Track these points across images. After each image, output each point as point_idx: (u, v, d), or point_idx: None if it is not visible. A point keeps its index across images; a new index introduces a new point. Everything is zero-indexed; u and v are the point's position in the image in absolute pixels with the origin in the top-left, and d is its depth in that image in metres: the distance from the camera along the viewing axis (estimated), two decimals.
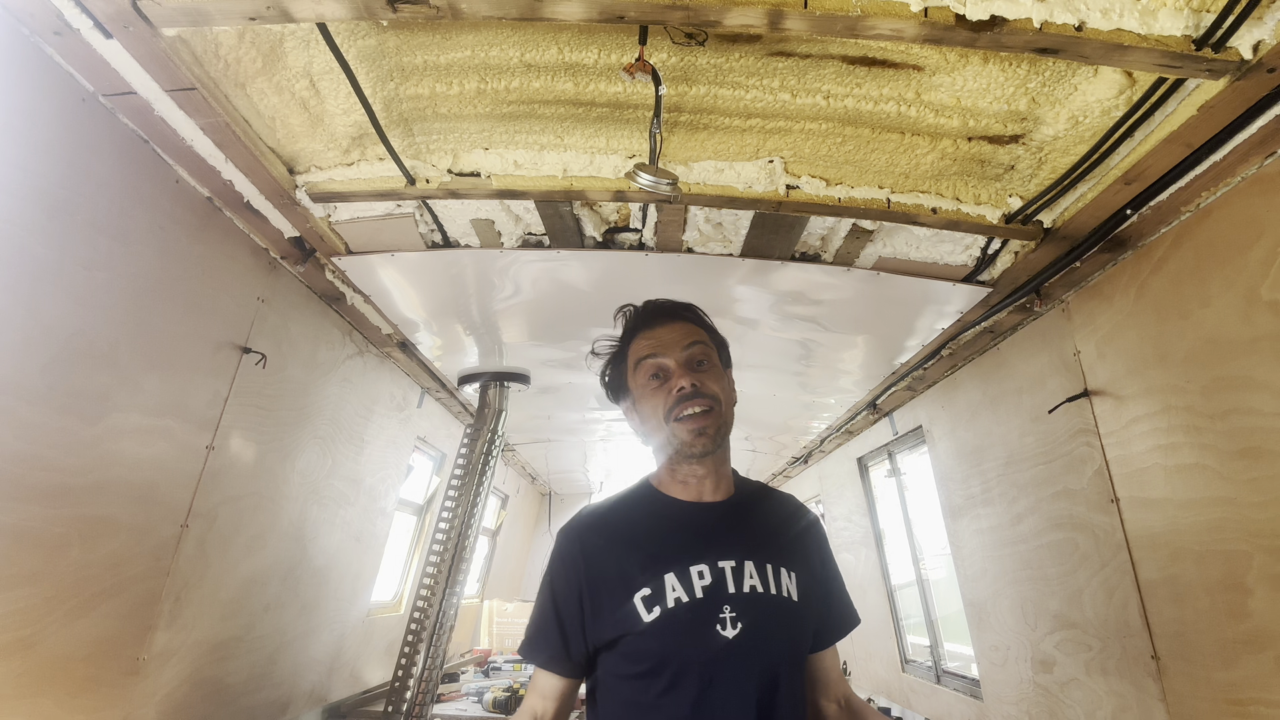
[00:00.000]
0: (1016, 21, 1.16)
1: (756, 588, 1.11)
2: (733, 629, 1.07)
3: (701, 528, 1.16)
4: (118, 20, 1.22)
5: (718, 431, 1.15)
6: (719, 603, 1.08)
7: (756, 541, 1.16)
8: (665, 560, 1.11)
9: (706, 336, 1.23)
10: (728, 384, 1.21)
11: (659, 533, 1.16)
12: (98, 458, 1.55)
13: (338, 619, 3.01)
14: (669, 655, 1.07)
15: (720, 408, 1.16)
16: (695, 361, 1.18)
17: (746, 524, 1.19)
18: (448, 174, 1.77)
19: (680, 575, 1.09)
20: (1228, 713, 1.57)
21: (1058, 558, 2.20)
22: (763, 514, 1.23)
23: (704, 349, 1.19)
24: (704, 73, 1.47)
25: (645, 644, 1.08)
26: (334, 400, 2.59)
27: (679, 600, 1.08)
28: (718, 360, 1.22)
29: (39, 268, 1.34)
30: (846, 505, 4.34)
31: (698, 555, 1.12)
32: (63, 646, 1.53)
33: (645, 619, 1.07)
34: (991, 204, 1.76)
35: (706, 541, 1.14)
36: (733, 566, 1.11)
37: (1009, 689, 2.59)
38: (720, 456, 1.19)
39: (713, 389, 1.16)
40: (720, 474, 1.21)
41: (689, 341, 1.19)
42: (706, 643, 1.06)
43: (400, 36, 1.41)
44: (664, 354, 1.18)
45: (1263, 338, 1.41)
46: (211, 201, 1.79)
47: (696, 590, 1.09)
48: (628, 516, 1.21)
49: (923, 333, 2.46)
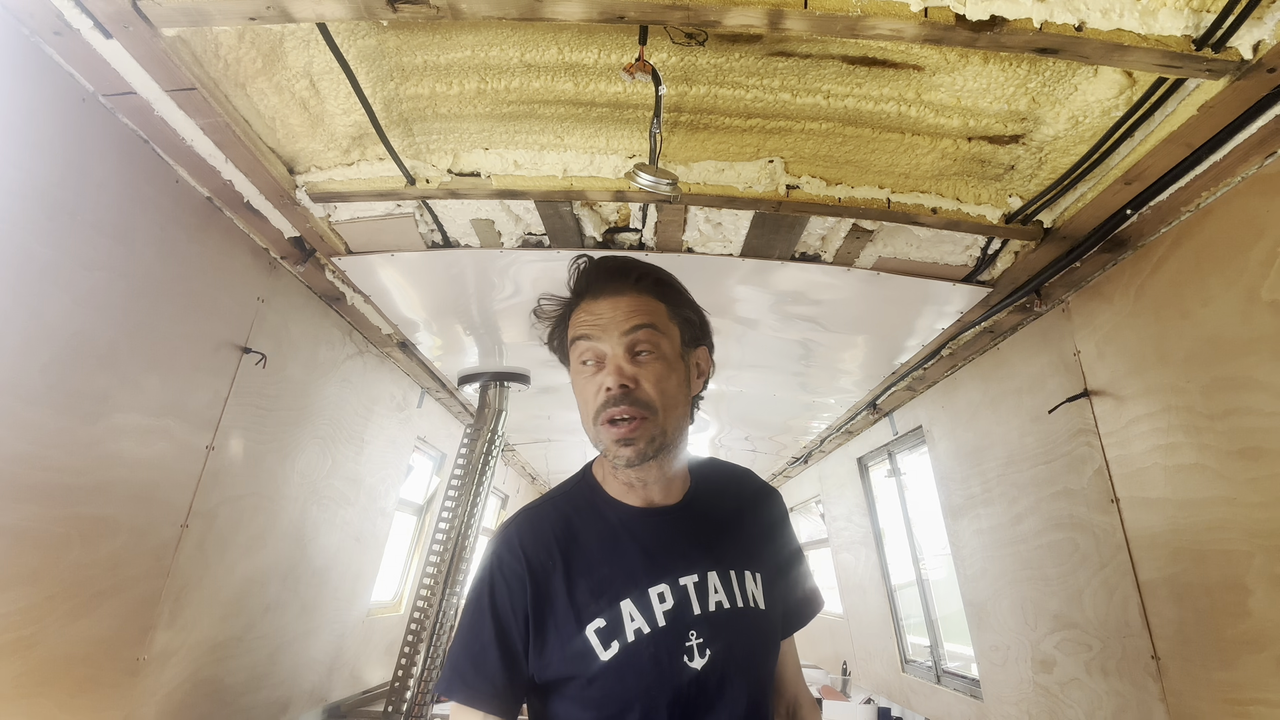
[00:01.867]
0: (1016, 21, 1.16)
1: (723, 603, 0.97)
2: (701, 657, 0.93)
3: (657, 539, 1.00)
4: (118, 20, 1.22)
5: (649, 443, 0.95)
6: (684, 629, 0.94)
7: (718, 545, 1.02)
8: (620, 583, 0.95)
9: (663, 313, 1.00)
10: (679, 378, 1.00)
11: (610, 547, 0.99)
12: (98, 458, 1.55)
13: (338, 619, 3.01)
14: (631, 698, 0.91)
15: (656, 416, 0.95)
16: (635, 351, 0.96)
17: (705, 526, 1.03)
18: (448, 174, 1.77)
19: (639, 601, 0.94)
20: (1228, 712, 1.57)
21: (1058, 558, 2.20)
22: (720, 507, 1.06)
23: (650, 334, 0.96)
24: (704, 73, 1.47)
25: (603, 686, 0.92)
26: (334, 400, 2.59)
27: (639, 632, 0.93)
28: (668, 348, 0.98)
29: (39, 268, 1.34)
30: (846, 505, 4.34)
31: (656, 574, 0.96)
32: (63, 646, 1.53)
33: (602, 657, 0.92)
34: (991, 204, 1.76)
35: (664, 556, 0.98)
36: (695, 583, 0.97)
37: (1009, 689, 2.59)
38: (672, 460, 1.01)
39: (647, 394, 0.95)
40: (668, 476, 1.02)
41: (632, 325, 0.96)
42: (673, 678, 0.92)
43: (400, 36, 1.41)
44: (599, 337, 0.97)
45: (1263, 338, 1.41)
46: (211, 201, 1.79)
47: (658, 617, 0.94)
48: (573, 525, 1.01)
49: (923, 333, 2.46)
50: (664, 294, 1.02)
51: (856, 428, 3.78)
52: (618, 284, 0.99)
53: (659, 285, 1.02)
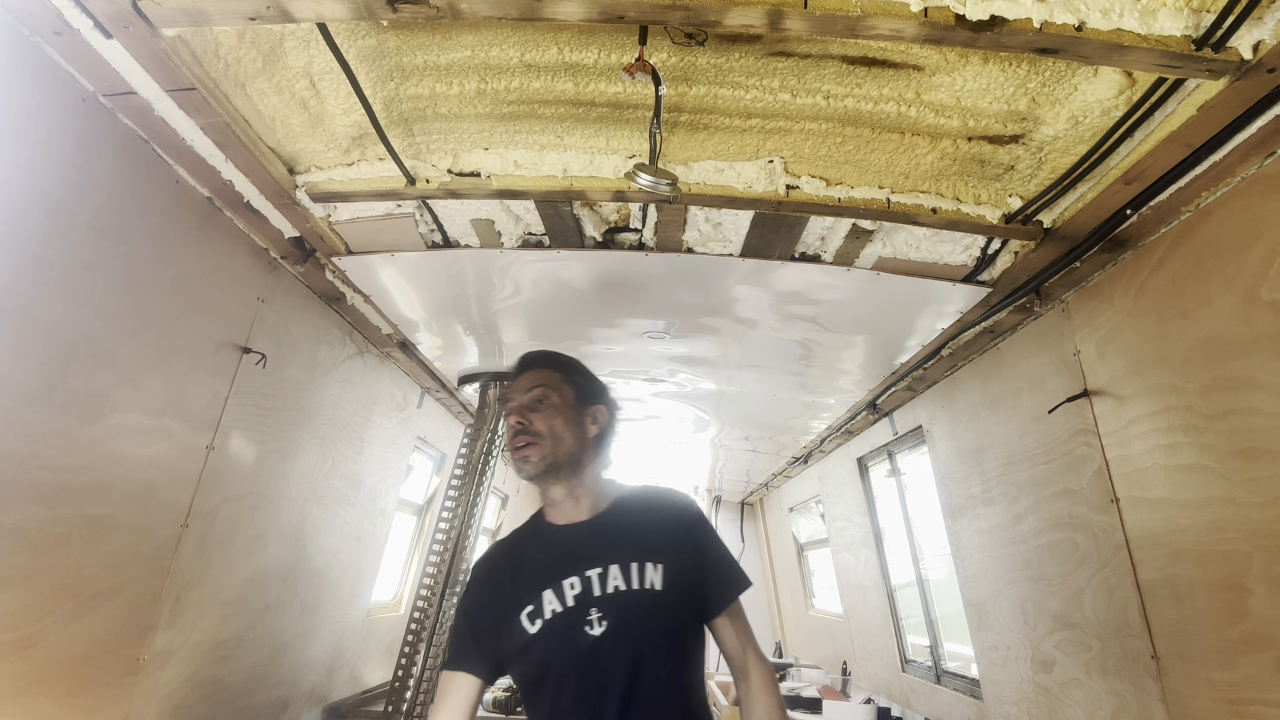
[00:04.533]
0: (1016, 21, 1.16)
1: (619, 586, 1.30)
2: (599, 627, 1.27)
3: (572, 545, 1.36)
4: (118, 20, 1.22)
5: (541, 460, 1.34)
6: (587, 607, 1.28)
7: (622, 545, 1.35)
8: (544, 579, 1.32)
9: (558, 379, 1.43)
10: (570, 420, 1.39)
11: (541, 557, 1.37)
12: (98, 458, 1.55)
13: (338, 619, 3.01)
14: (549, 660, 1.27)
15: (544, 441, 1.35)
16: (535, 402, 1.39)
17: (613, 532, 1.38)
18: (448, 174, 1.77)
19: (555, 590, 1.30)
20: (1227, 713, 1.57)
21: (1058, 558, 2.20)
22: (631, 519, 1.41)
23: (544, 391, 1.40)
24: (704, 73, 1.47)
25: (532, 653, 1.28)
26: (334, 400, 2.59)
27: (554, 611, 1.29)
28: (560, 400, 1.40)
29: (39, 268, 1.34)
30: (846, 505, 4.34)
31: (569, 570, 1.32)
32: (63, 646, 1.53)
33: (530, 631, 1.28)
34: (991, 204, 1.76)
35: (576, 556, 1.34)
36: (598, 573, 1.31)
37: (1009, 689, 2.59)
38: (576, 480, 1.39)
39: (539, 426, 1.36)
40: (579, 495, 1.40)
41: (530, 385, 1.41)
42: (576, 644, 1.26)
43: (400, 37, 1.41)
44: (512, 398, 1.41)
45: (1263, 338, 1.41)
46: (211, 201, 1.79)
47: (568, 600, 1.29)
48: (520, 548, 1.43)
49: (923, 333, 2.46)
50: (559, 367, 1.46)
51: (856, 428, 3.78)
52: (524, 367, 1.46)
53: (555, 361, 1.48)
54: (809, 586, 5.84)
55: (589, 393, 1.47)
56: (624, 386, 3.45)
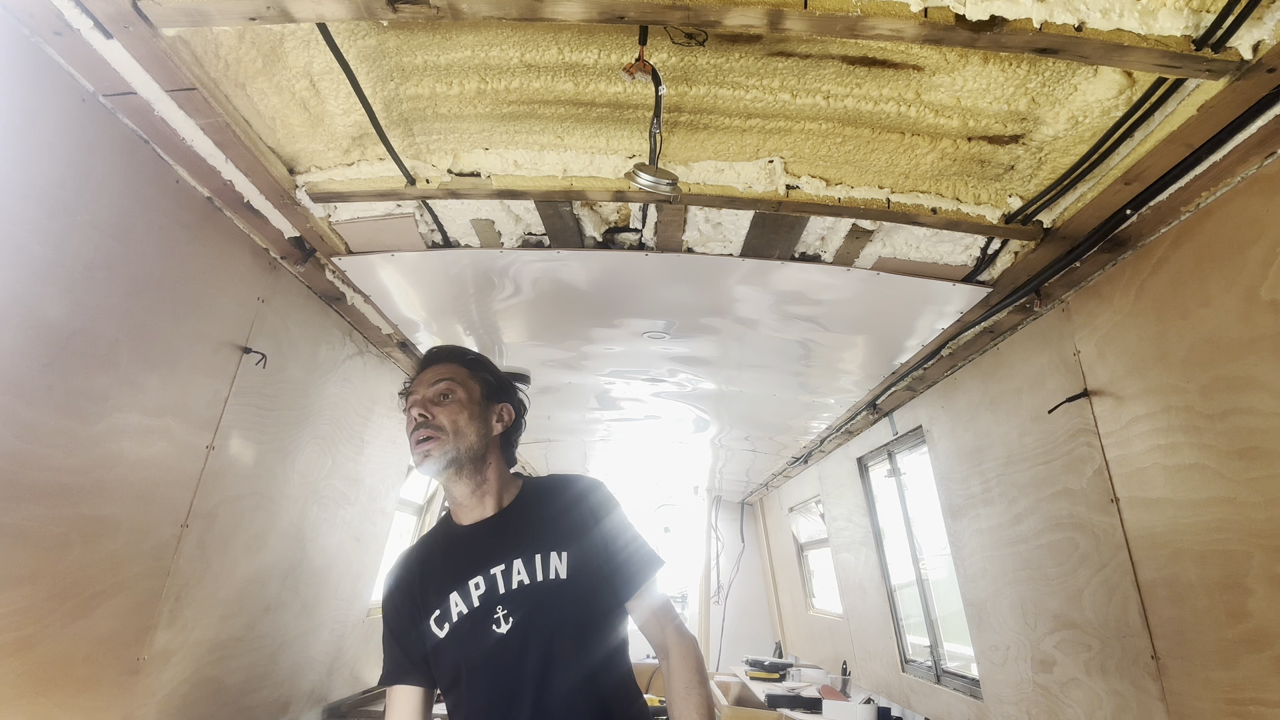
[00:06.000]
0: (1016, 22, 1.16)
1: (524, 581, 1.29)
2: (505, 625, 1.26)
3: (477, 544, 1.35)
4: (118, 20, 1.22)
5: (443, 454, 1.33)
6: (493, 605, 1.28)
7: (526, 538, 1.34)
8: (449, 581, 1.31)
9: (464, 373, 1.42)
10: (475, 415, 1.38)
11: (447, 559, 1.36)
12: (98, 458, 1.55)
13: (338, 619, 3.01)
14: (459, 661, 1.27)
15: (446, 436, 1.34)
16: (439, 396, 1.38)
17: (517, 526, 1.37)
18: (448, 174, 1.77)
19: (461, 591, 1.30)
20: (1227, 713, 1.57)
21: (1057, 558, 2.20)
22: (536, 510, 1.40)
23: (449, 385, 1.39)
24: (704, 73, 1.47)
25: (442, 657, 1.28)
26: (334, 400, 2.59)
27: (460, 613, 1.28)
28: (466, 395, 1.39)
29: (39, 268, 1.34)
30: (846, 505, 4.35)
31: (474, 569, 1.31)
32: (63, 646, 1.53)
33: (439, 635, 1.28)
34: (991, 204, 1.76)
35: (481, 555, 1.33)
36: (502, 570, 1.30)
37: (1009, 689, 2.59)
38: (480, 477, 1.38)
39: (441, 420, 1.35)
40: (484, 492, 1.39)
41: (435, 380, 1.40)
42: (484, 642, 1.25)
43: (400, 37, 1.41)
44: (415, 391, 1.41)
45: (1263, 338, 1.42)
46: (211, 201, 1.79)
47: (474, 600, 1.29)
48: (427, 553, 1.42)
49: (922, 333, 2.46)
50: (466, 363, 1.46)
51: (856, 428, 3.78)
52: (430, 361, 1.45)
53: (462, 357, 1.47)
54: (809, 586, 5.84)
55: (495, 390, 1.47)
56: (624, 386, 3.45)
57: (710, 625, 6.42)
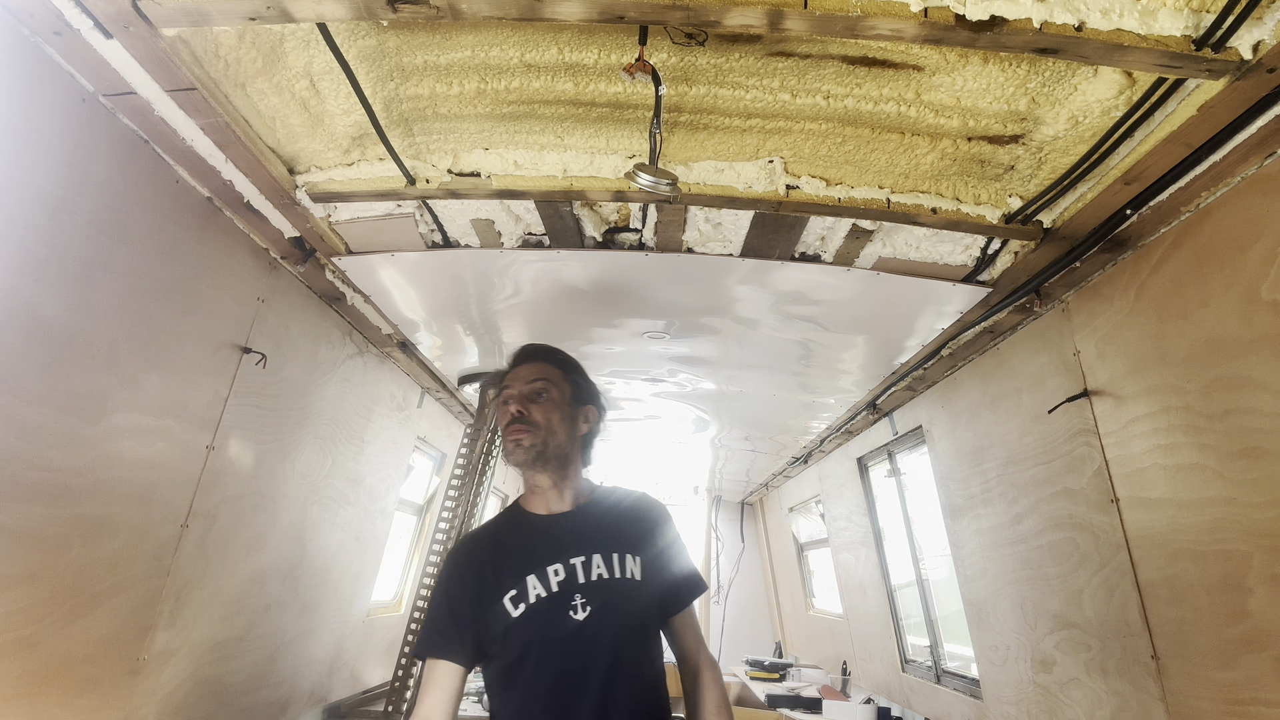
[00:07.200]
0: (1016, 22, 1.16)
1: (602, 575, 1.36)
2: (583, 612, 1.33)
3: (556, 534, 1.42)
4: (118, 20, 1.22)
5: (532, 446, 1.40)
6: (571, 592, 1.34)
7: (604, 537, 1.41)
8: (526, 564, 1.36)
9: (559, 375, 1.50)
10: (565, 416, 1.46)
11: (522, 543, 1.42)
12: (98, 458, 1.55)
13: (338, 619, 3.01)
14: (532, 641, 1.31)
15: (539, 431, 1.41)
16: (534, 393, 1.45)
17: (594, 524, 1.44)
18: (448, 174, 1.77)
19: (539, 575, 1.35)
20: (1227, 713, 1.57)
21: (1057, 558, 2.20)
22: (611, 513, 1.48)
23: (545, 384, 1.46)
24: (704, 73, 1.47)
25: (515, 635, 1.31)
26: (334, 400, 2.59)
27: (539, 596, 1.33)
28: (559, 395, 1.47)
29: (39, 268, 1.34)
30: (846, 505, 4.34)
31: (553, 556, 1.37)
32: (63, 646, 1.53)
33: (514, 614, 1.32)
34: (991, 204, 1.76)
35: (560, 545, 1.39)
36: (582, 561, 1.37)
37: (1009, 689, 2.59)
38: (561, 473, 1.45)
39: (536, 417, 1.42)
40: (564, 488, 1.46)
41: (532, 377, 1.47)
42: (561, 627, 1.31)
43: (400, 37, 1.41)
44: (511, 386, 1.47)
45: (1263, 338, 1.42)
46: (211, 201, 1.79)
47: (552, 585, 1.34)
48: (499, 535, 1.47)
49: (922, 333, 2.46)
50: (560, 364, 1.53)
51: (856, 428, 3.78)
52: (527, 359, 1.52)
53: (554, 358, 1.54)
54: (809, 586, 5.84)
55: (584, 393, 1.54)
56: (624, 386, 3.45)
57: (710, 625, 6.42)
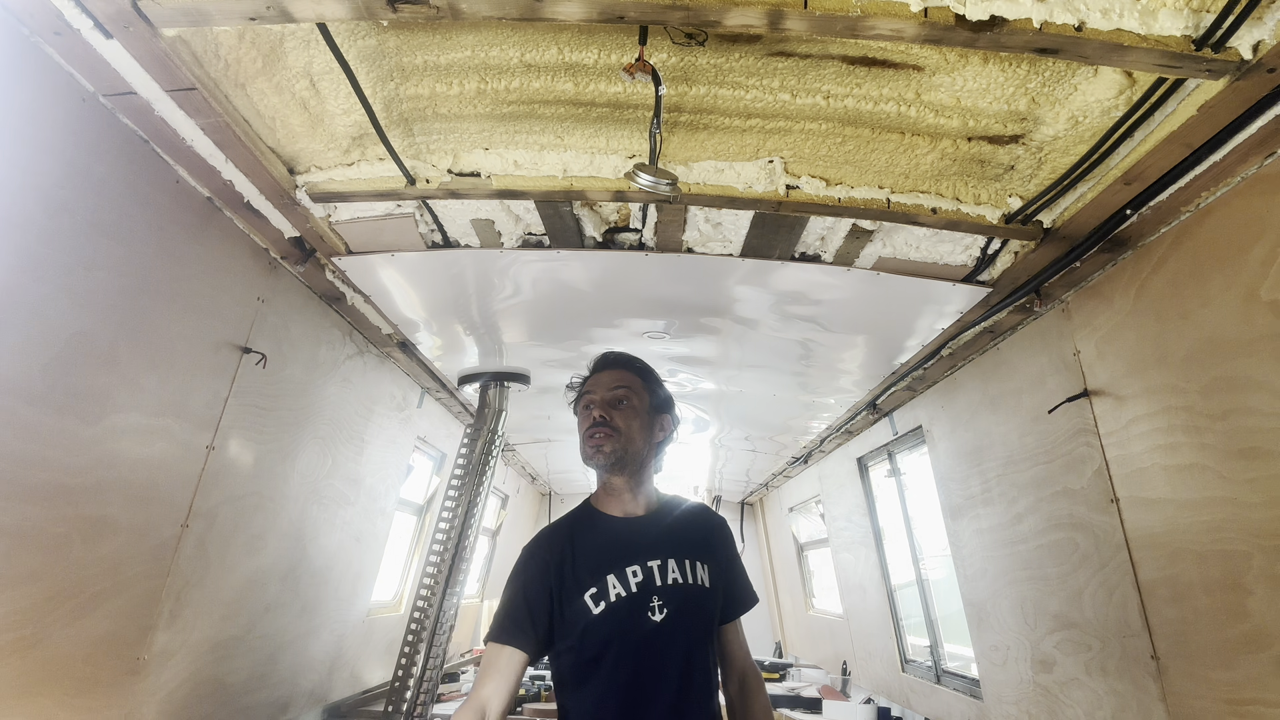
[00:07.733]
0: (1016, 22, 1.16)
1: (678, 579, 1.42)
2: (660, 614, 1.38)
3: (632, 536, 1.46)
4: (118, 20, 1.22)
5: (613, 451, 1.46)
6: (649, 594, 1.39)
7: (676, 543, 1.47)
8: (606, 564, 1.41)
9: (639, 383, 1.54)
10: (644, 424, 1.51)
11: (600, 543, 1.45)
12: (98, 458, 1.55)
13: (338, 619, 3.01)
14: (612, 638, 1.35)
15: (620, 437, 1.47)
16: (616, 400, 1.50)
17: (668, 530, 1.49)
18: (448, 174, 1.77)
19: (619, 576, 1.40)
20: (1227, 713, 1.57)
21: (1057, 558, 2.20)
22: (681, 521, 1.53)
23: (626, 392, 1.51)
24: (704, 73, 1.47)
25: (595, 631, 1.36)
26: (334, 400, 2.59)
27: (619, 595, 1.38)
28: (639, 404, 1.52)
29: (39, 268, 1.34)
30: (846, 505, 4.34)
31: (631, 558, 1.42)
32: (63, 646, 1.53)
33: (594, 611, 1.37)
34: (991, 204, 1.76)
35: (637, 547, 1.44)
36: (659, 565, 1.42)
37: (1009, 689, 2.59)
38: (637, 479, 1.50)
39: (618, 423, 1.48)
40: (638, 492, 1.51)
41: (614, 384, 1.52)
42: (640, 626, 1.36)
43: (400, 37, 1.41)
44: (594, 392, 1.53)
45: (1262, 338, 1.42)
46: (211, 201, 1.79)
47: (631, 586, 1.39)
48: (576, 533, 1.49)
49: (922, 333, 2.46)
50: (640, 373, 1.58)
51: (856, 428, 3.78)
52: (609, 366, 1.57)
53: (635, 367, 1.59)
54: (809, 586, 5.84)
55: (661, 402, 1.59)
56: None
57: None
